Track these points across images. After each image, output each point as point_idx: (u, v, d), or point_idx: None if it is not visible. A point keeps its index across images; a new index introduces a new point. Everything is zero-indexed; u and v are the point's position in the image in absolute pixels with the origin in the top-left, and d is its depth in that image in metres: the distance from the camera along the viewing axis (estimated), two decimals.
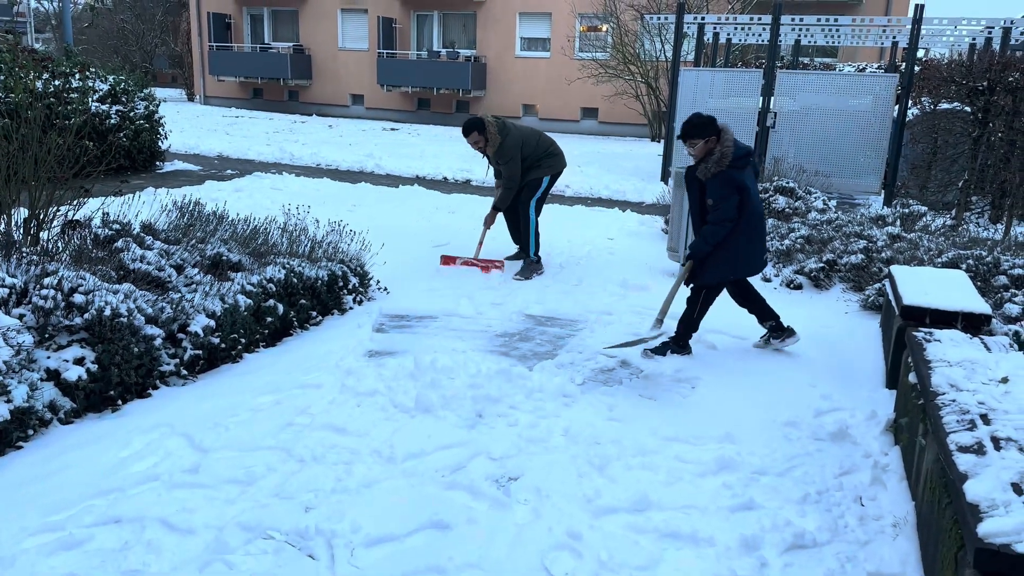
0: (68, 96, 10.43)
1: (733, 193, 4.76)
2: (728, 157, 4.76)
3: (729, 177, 4.76)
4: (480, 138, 6.79)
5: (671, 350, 5.02)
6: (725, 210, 4.78)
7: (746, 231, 4.88)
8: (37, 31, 42.14)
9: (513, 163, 6.84)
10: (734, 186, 4.76)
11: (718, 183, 4.78)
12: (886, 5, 21.29)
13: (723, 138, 4.81)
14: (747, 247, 4.94)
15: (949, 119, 10.33)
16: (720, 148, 4.78)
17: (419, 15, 25.91)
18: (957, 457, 2.61)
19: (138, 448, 3.60)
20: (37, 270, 4.13)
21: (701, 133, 4.84)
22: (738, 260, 4.96)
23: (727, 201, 4.77)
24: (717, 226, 4.81)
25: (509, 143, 6.79)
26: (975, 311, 4.27)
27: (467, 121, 6.88)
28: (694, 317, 5.04)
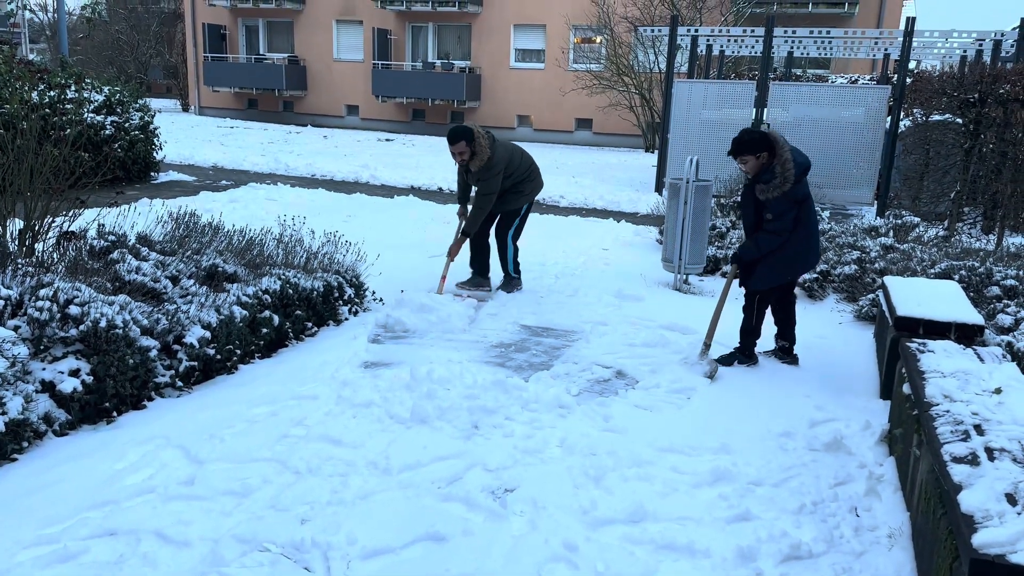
0: (64, 107, 10.43)
1: (792, 208, 4.78)
2: (790, 181, 4.71)
3: (792, 194, 4.75)
4: (467, 149, 6.22)
5: (738, 360, 5.07)
6: (784, 224, 4.80)
7: (803, 236, 4.90)
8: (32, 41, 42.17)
9: (494, 181, 6.29)
10: (794, 201, 4.78)
11: (781, 201, 4.75)
12: (878, 17, 21.46)
13: (780, 156, 4.71)
14: (803, 250, 4.96)
15: (941, 130, 10.41)
16: (781, 169, 4.70)
17: (414, 26, 26.01)
18: (951, 468, 2.63)
19: (133, 460, 3.59)
20: (32, 282, 4.12)
21: (752, 149, 4.77)
22: (794, 263, 4.99)
23: (786, 215, 4.78)
24: (773, 235, 4.83)
25: (498, 158, 6.31)
26: (968, 322, 4.30)
27: (455, 128, 6.28)
28: (753, 324, 5.06)
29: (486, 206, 6.37)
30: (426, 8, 24.52)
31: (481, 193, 6.34)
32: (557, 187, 13.47)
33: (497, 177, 6.29)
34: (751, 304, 5.09)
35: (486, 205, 6.37)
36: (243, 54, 28.20)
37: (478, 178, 6.34)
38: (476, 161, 6.26)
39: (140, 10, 33.61)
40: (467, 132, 6.23)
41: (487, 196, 6.34)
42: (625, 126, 22.80)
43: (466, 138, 6.20)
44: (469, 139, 6.21)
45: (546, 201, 12.55)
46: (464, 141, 6.20)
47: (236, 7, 27.37)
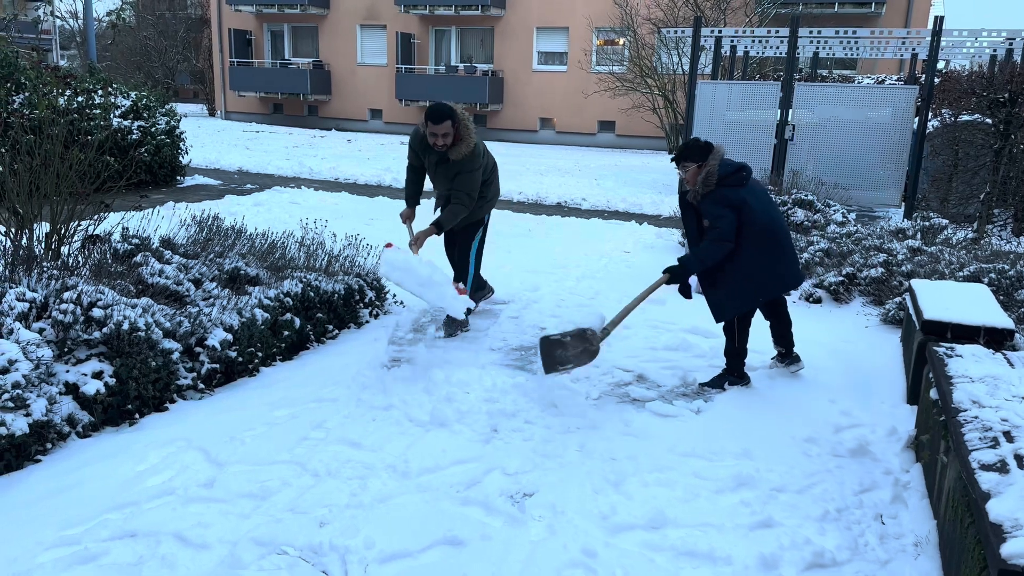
0: (91, 112, 10.58)
1: (727, 211, 4.45)
2: (713, 176, 4.47)
3: (720, 195, 4.48)
4: (451, 131, 5.26)
5: (728, 382, 4.77)
6: (723, 230, 4.44)
7: (762, 251, 4.53)
8: (62, 48, 42.88)
9: (475, 176, 5.44)
10: (727, 204, 4.46)
11: (709, 202, 4.50)
12: (906, 17, 21.18)
13: (709, 158, 4.54)
14: (769, 267, 4.58)
15: (970, 131, 10.24)
16: (707, 171, 4.50)
17: (437, 30, 26.10)
18: (979, 475, 2.57)
19: (154, 462, 3.61)
20: (57, 284, 4.17)
21: (693, 157, 4.58)
22: (761, 282, 4.61)
23: (722, 220, 4.44)
24: (714, 243, 4.47)
25: (480, 150, 5.51)
26: (998, 326, 4.21)
27: (438, 106, 5.27)
28: (736, 346, 4.77)
29: (468, 205, 5.45)
30: (449, 12, 24.60)
31: (464, 192, 5.40)
32: (579, 189, 13.45)
33: (477, 172, 5.44)
34: (730, 327, 4.75)
35: (469, 204, 5.44)
36: (268, 59, 28.47)
37: (457, 171, 5.38)
38: (461, 148, 5.32)
39: (168, 16, 34.04)
40: (453, 111, 5.28)
41: (470, 195, 5.43)
42: (648, 128, 22.69)
43: (452, 118, 5.25)
44: (455, 120, 5.28)
45: (568, 204, 12.53)
46: (450, 121, 5.23)
47: (262, 13, 27.64)
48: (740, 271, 4.55)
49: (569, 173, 16.11)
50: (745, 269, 4.55)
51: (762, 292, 4.69)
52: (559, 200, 12.68)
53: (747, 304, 4.70)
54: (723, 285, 4.62)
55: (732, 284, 4.60)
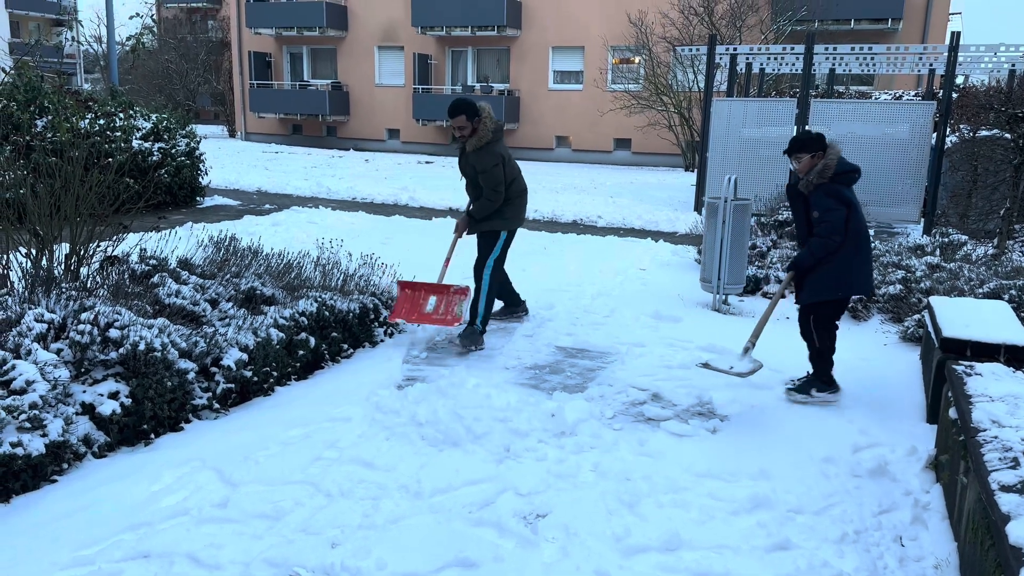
0: (111, 135, 10.75)
1: (839, 205, 4.61)
2: (831, 168, 4.62)
3: (834, 189, 4.62)
4: (467, 124, 5.52)
5: (816, 388, 4.81)
6: (833, 222, 4.60)
7: (855, 247, 4.68)
8: (86, 72, 43.67)
9: (495, 173, 5.62)
10: (839, 198, 4.62)
11: (821, 194, 4.64)
12: (923, 32, 21.11)
13: (828, 152, 4.69)
14: (856, 264, 4.70)
15: (989, 146, 10.16)
16: (824, 163, 4.65)
17: (454, 51, 26.33)
18: (999, 497, 2.52)
19: (169, 482, 3.63)
20: (75, 305, 4.22)
21: (807, 148, 4.72)
22: (847, 277, 4.71)
23: (833, 213, 4.60)
24: (825, 239, 4.62)
25: (497, 149, 5.64)
26: (1019, 344, 4.14)
27: (456, 100, 5.58)
28: (819, 347, 4.82)
29: (496, 200, 5.70)
30: (466, 33, 24.82)
31: (489, 188, 5.66)
32: (595, 207, 13.45)
33: (496, 169, 5.61)
34: (808, 329, 4.83)
35: (496, 199, 5.70)
36: (288, 81, 28.83)
37: (479, 170, 5.63)
38: (473, 140, 5.57)
39: (189, 39, 34.61)
40: (469, 107, 5.53)
41: (496, 191, 5.67)
42: (664, 145, 22.71)
43: (467, 112, 5.51)
44: (471, 114, 5.52)
45: (583, 221, 12.53)
46: (464, 115, 5.51)
47: (281, 35, 28.03)
48: (834, 264, 4.68)
49: (585, 191, 16.12)
50: (839, 263, 4.68)
51: (844, 289, 4.77)
52: (575, 218, 12.69)
53: (830, 294, 4.76)
54: (814, 272, 4.74)
55: (823, 273, 4.71)
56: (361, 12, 26.76)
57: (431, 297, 5.97)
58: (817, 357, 4.85)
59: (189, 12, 37.93)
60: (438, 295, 5.95)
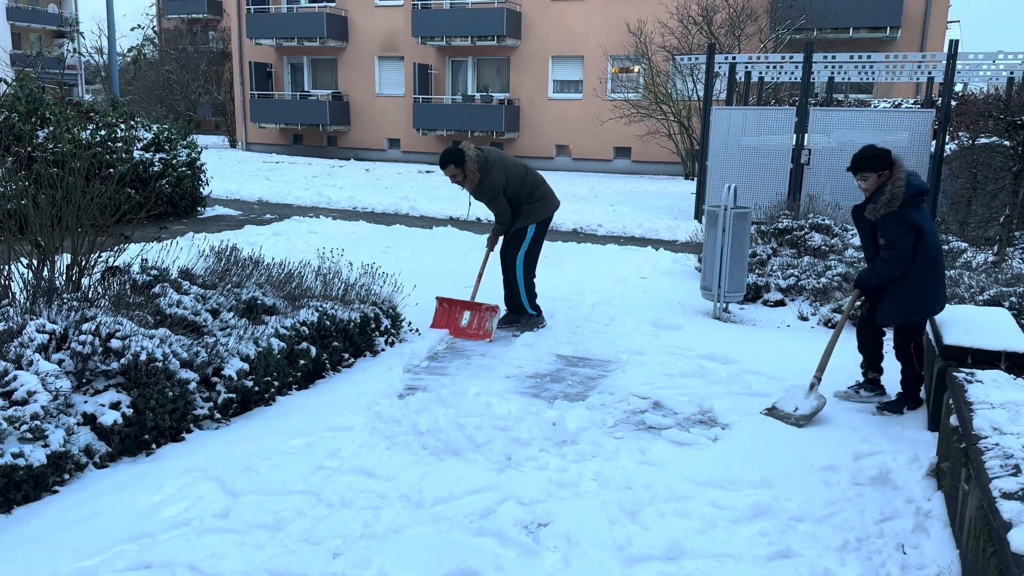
0: (113, 145, 10.77)
1: (908, 232, 4.46)
2: (899, 197, 4.44)
3: (903, 216, 4.46)
4: (458, 171, 6.04)
5: (907, 407, 4.77)
6: (900, 250, 4.49)
7: (930, 272, 4.57)
8: (88, 83, 43.84)
9: (498, 202, 6.16)
10: (908, 225, 4.46)
11: (890, 223, 4.49)
12: (921, 41, 21.18)
13: (895, 174, 4.51)
14: (931, 286, 4.60)
15: (988, 153, 10.18)
16: (892, 186, 4.47)
17: (454, 61, 26.42)
18: (1001, 504, 2.52)
19: (170, 492, 3.63)
20: (77, 316, 4.22)
21: (874, 166, 4.56)
22: (922, 300, 4.62)
23: (901, 240, 4.47)
24: (891, 264, 4.54)
25: (491, 180, 6.07)
26: (1019, 351, 4.15)
27: (444, 152, 6.10)
28: (916, 369, 4.74)
29: (506, 219, 6.25)
30: (466, 43, 24.91)
31: (496, 213, 6.27)
32: (595, 215, 13.48)
33: (497, 199, 6.14)
34: (907, 349, 4.73)
35: (505, 219, 6.25)
36: (288, 91, 28.92)
37: (480, 198, 6.23)
38: (469, 184, 6.10)
39: (190, 50, 34.74)
40: (455, 155, 6.02)
41: (502, 213, 6.21)
42: (664, 154, 22.76)
43: (454, 161, 6.01)
44: (458, 162, 6.01)
45: (584, 230, 12.55)
46: (452, 164, 6.02)
47: (282, 46, 28.13)
48: (906, 288, 4.60)
49: (585, 199, 16.15)
50: (911, 287, 4.60)
51: (923, 311, 4.69)
52: (575, 226, 12.71)
53: (906, 318, 4.70)
54: (889, 294, 4.67)
55: (899, 296, 4.65)
56: (361, 22, 26.87)
57: (465, 312, 6.35)
58: (912, 380, 4.78)
59: (190, 23, 38.08)
60: (471, 311, 6.33)
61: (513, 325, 6.48)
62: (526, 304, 6.44)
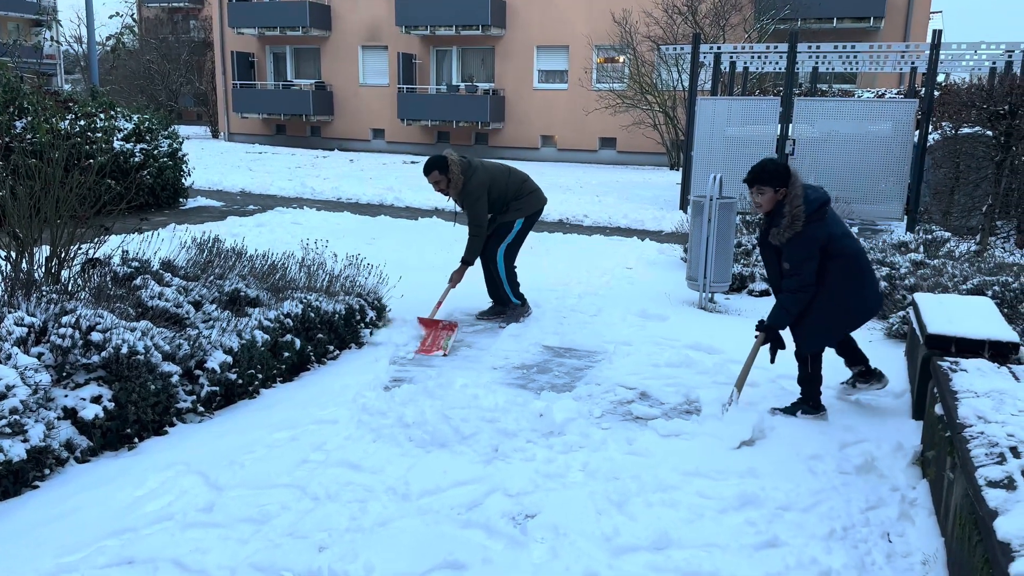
0: (92, 136, 10.63)
1: (815, 255, 4.24)
2: (801, 217, 4.20)
3: (808, 236, 4.22)
4: (442, 178, 6.01)
5: (802, 411, 4.55)
6: (805, 276, 4.27)
7: (851, 279, 4.35)
8: (67, 72, 43.27)
9: (479, 206, 6.07)
10: (815, 245, 4.24)
11: (796, 246, 4.25)
12: (904, 31, 21.27)
13: (791, 193, 4.24)
14: (858, 295, 4.38)
15: (971, 143, 10.24)
16: (790, 207, 4.22)
17: (438, 50, 26.27)
18: (986, 492, 2.53)
19: (153, 487, 3.58)
20: (56, 308, 4.16)
21: (772, 181, 4.29)
22: (854, 312, 4.45)
23: (805, 264, 4.25)
24: (797, 294, 4.31)
25: (474, 184, 6.03)
26: (1002, 339, 4.17)
27: (428, 160, 6.06)
28: (810, 373, 4.54)
29: (480, 234, 6.15)
30: (450, 32, 24.77)
31: (471, 223, 6.14)
32: (581, 206, 13.46)
33: (479, 203, 6.06)
34: (803, 357, 4.53)
35: (480, 233, 6.15)
36: (271, 81, 28.67)
37: (461, 205, 6.19)
38: (453, 189, 6.07)
39: (171, 39, 34.34)
40: (439, 162, 6.01)
41: (477, 224, 6.11)
42: (649, 144, 22.76)
43: (438, 168, 5.99)
44: (442, 169, 5.99)
45: (570, 220, 12.53)
46: (437, 171, 6.00)
47: (264, 35, 27.86)
48: (832, 302, 4.37)
49: (571, 190, 16.13)
50: (837, 300, 4.37)
51: (851, 323, 4.52)
52: (561, 217, 12.69)
53: (837, 335, 4.56)
54: (815, 318, 4.41)
55: (824, 316, 4.41)
56: (344, 12, 26.64)
57: (423, 330, 5.97)
58: (808, 381, 4.56)
59: (170, 12, 37.62)
60: (428, 328, 5.96)
61: (499, 316, 6.44)
62: (510, 294, 6.42)
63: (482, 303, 6.62)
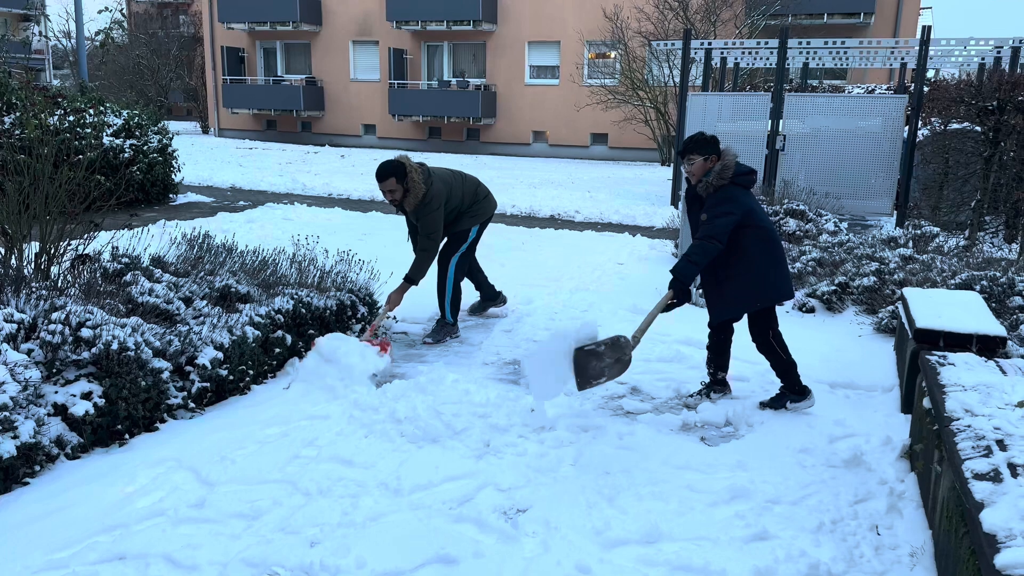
0: (82, 131, 10.58)
1: (732, 211, 4.32)
2: (730, 169, 4.38)
3: (731, 192, 4.37)
4: (398, 187, 5.46)
5: (790, 400, 4.58)
6: (718, 227, 4.30)
7: (767, 254, 4.44)
8: (55, 67, 42.95)
9: (435, 217, 5.58)
10: (735, 203, 4.34)
11: (719, 198, 4.37)
12: (894, 27, 21.34)
13: (725, 155, 4.45)
14: (773, 271, 4.45)
15: (960, 139, 10.30)
16: (722, 162, 4.42)
17: (429, 45, 26.21)
18: (973, 485, 2.55)
19: (144, 483, 3.58)
20: (46, 305, 4.15)
21: (701, 150, 4.46)
22: (765, 286, 4.46)
23: (722, 218, 4.31)
24: (705, 242, 4.31)
25: (435, 191, 5.57)
26: (990, 333, 4.21)
27: (384, 164, 5.50)
28: (785, 359, 4.54)
29: (432, 249, 5.67)
30: (441, 27, 24.72)
31: (424, 235, 5.63)
32: (572, 202, 13.48)
33: (437, 212, 5.59)
34: (768, 344, 4.54)
35: (432, 248, 5.66)
36: (261, 76, 28.54)
37: (416, 216, 5.66)
38: (410, 199, 5.53)
39: (160, 35, 34.12)
40: (397, 168, 5.47)
41: (431, 237, 5.63)
42: (641, 140, 22.78)
43: (396, 174, 5.45)
44: (400, 175, 5.46)
45: (561, 216, 12.54)
46: (394, 178, 5.45)
47: (254, 30, 27.74)
48: (751, 272, 4.43)
49: (562, 186, 16.14)
50: (756, 269, 4.43)
51: (764, 297, 4.50)
52: (552, 213, 12.70)
53: (747, 307, 4.52)
54: (729, 286, 4.49)
55: (739, 286, 4.47)
56: (335, 6, 26.54)
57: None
58: (785, 370, 4.57)
59: (160, 6, 37.37)
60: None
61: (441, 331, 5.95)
62: (448, 308, 5.94)
63: (469, 300, 6.63)
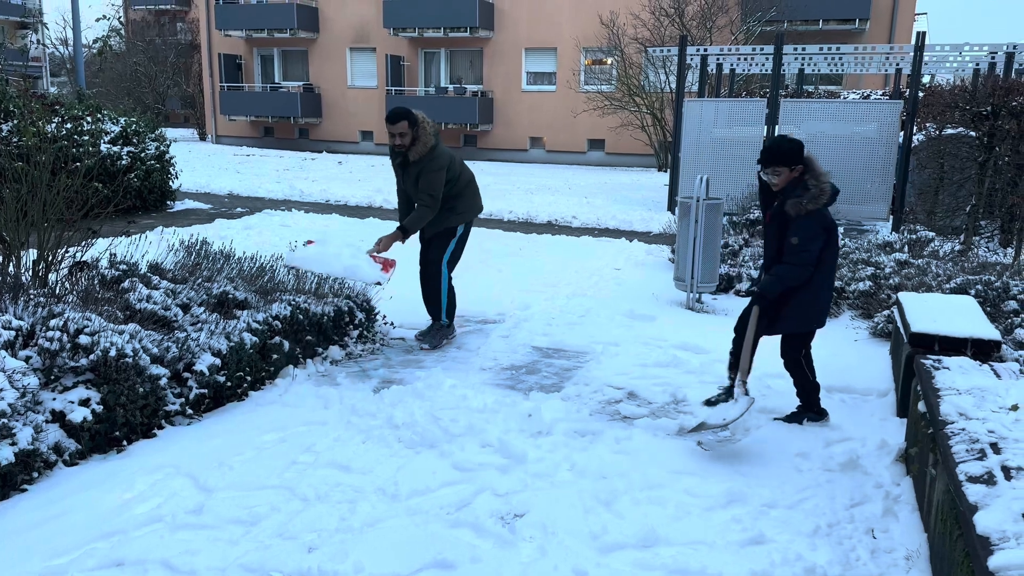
0: (79, 139, 10.59)
1: (821, 235, 4.20)
2: (826, 196, 4.18)
3: (821, 216, 4.20)
4: (408, 131, 5.44)
5: (807, 419, 4.50)
6: (810, 252, 4.19)
7: (829, 278, 4.38)
8: (53, 75, 43.01)
9: (438, 177, 5.50)
10: (823, 226, 4.21)
11: (810, 221, 4.18)
12: (889, 33, 21.43)
13: (814, 169, 4.21)
14: (825, 294, 4.39)
15: (955, 144, 10.34)
16: (817, 183, 4.17)
17: (426, 52, 26.28)
18: (967, 488, 2.57)
19: (142, 489, 3.58)
20: (44, 312, 4.15)
21: (788, 161, 4.20)
22: (824, 306, 4.40)
23: (813, 243, 4.19)
24: (798, 268, 4.22)
25: (441, 150, 5.57)
26: (984, 337, 4.22)
27: (396, 108, 5.53)
28: (810, 379, 4.51)
29: (432, 207, 5.56)
30: (438, 34, 24.79)
31: (425, 192, 5.52)
32: (569, 208, 13.50)
33: (440, 173, 5.51)
34: (796, 357, 4.47)
35: (432, 206, 5.56)
36: (259, 83, 28.59)
37: (418, 172, 5.53)
38: (417, 148, 5.48)
39: (158, 42, 34.18)
40: (409, 114, 5.46)
41: (433, 196, 5.53)
42: (637, 146, 22.84)
43: (408, 119, 5.43)
44: (412, 122, 5.45)
45: (559, 222, 12.57)
46: (406, 122, 5.42)
47: (252, 37, 27.80)
48: (812, 293, 4.32)
49: (559, 191, 16.17)
50: (815, 291, 4.34)
51: (820, 317, 4.42)
52: (549, 218, 12.72)
53: (806, 325, 4.44)
54: (797, 302, 4.34)
55: (804, 303, 4.35)
56: (332, 13, 26.61)
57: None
58: (808, 391, 4.54)
59: (157, 14, 37.43)
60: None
61: (424, 338, 5.90)
62: (443, 310, 5.90)
63: (467, 305, 6.65)
